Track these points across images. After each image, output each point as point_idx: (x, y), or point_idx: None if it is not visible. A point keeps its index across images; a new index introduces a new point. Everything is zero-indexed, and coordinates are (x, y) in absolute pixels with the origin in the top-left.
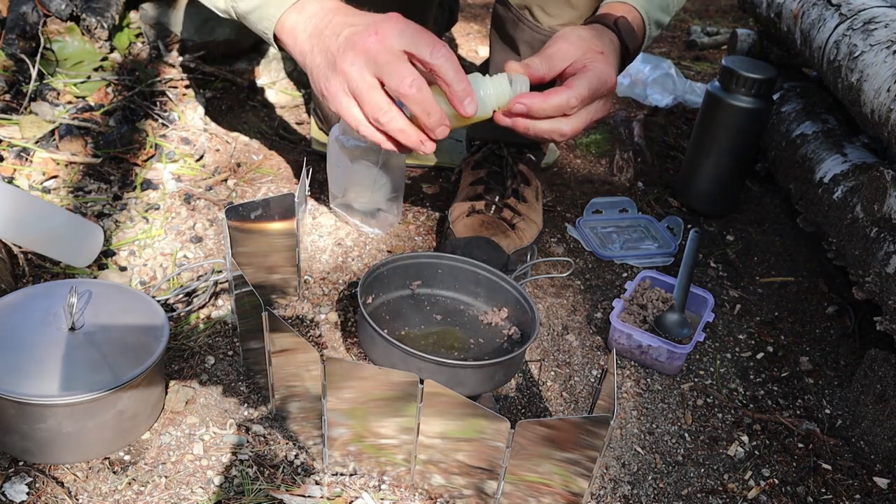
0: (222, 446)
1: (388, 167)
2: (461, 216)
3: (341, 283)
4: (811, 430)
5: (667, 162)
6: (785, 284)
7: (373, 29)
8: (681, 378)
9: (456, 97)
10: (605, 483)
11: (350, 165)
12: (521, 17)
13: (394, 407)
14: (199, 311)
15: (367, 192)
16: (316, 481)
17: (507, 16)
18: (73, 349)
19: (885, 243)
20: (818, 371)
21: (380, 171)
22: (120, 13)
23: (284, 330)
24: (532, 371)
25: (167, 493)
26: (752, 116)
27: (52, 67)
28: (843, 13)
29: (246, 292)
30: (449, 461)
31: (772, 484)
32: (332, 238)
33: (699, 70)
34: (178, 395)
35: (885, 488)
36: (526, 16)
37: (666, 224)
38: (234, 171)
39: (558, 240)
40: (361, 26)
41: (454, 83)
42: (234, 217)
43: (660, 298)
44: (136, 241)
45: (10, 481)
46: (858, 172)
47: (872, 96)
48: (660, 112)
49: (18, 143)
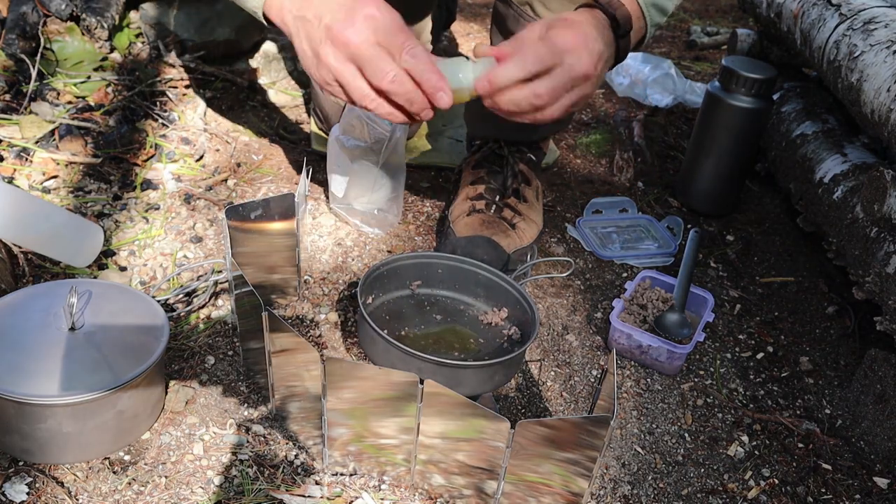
0: (222, 446)
1: (388, 167)
2: (461, 215)
3: (341, 283)
4: (811, 430)
5: (667, 162)
6: (785, 284)
7: (350, 20)
8: (681, 378)
9: (428, 94)
10: (605, 483)
11: (350, 165)
12: (522, 13)
13: (394, 407)
14: (199, 311)
15: (368, 192)
16: (316, 481)
17: (507, 13)
18: (73, 349)
19: (885, 243)
20: (818, 371)
21: (380, 171)
22: (120, 13)
23: (284, 330)
24: (532, 371)
25: (167, 493)
26: (752, 116)
27: (52, 67)
28: (843, 13)
29: (246, 292)
30: (449, 461)
31: (772, 484)
32: (332, 238)
33: (699, 70)
34: (178, 395)
35: (885, 488)
36: (527, 11)
37: (666, 224)
38: (234, 171)
39: (558, 240)
40: (340, 13)
41: (424, 81)
42: (234, 217)
43: (660, 298)
44: (136, 241)
45: (10, 481)
46: (858, 172)
47: (872, 96)
48: (660, 112)
49: (18, 143)
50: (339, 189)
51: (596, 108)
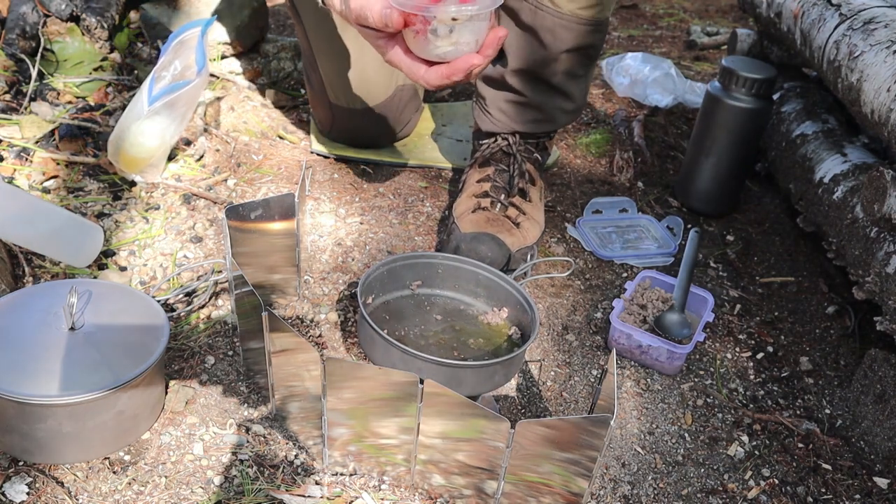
0: (222, 446)
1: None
2: (466, 212)
3: (341, 283)
4: (811, 430)
5: (667, 162)
6: (785, 284)
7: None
8: (681, 378)
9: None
10: (605, 483)
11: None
12: (539, 4)
13: (394, 407)
14: (199, 311)
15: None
16: (316, 481)
17: (521, 6)
18: (73, 349)
19: (885, 243)
20: (818, 371)
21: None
22: (120, 13)
23: (284, 330)
24: (532, 371)
25: (167, 493)
26: (752, 116)
27: (52, 67)
28: (843, 13)
29: (246, 292)
30: (449, 461)
31: (772, 484)
32: (332, 238)
33: (699, 70)
34: (178, 395)
35: (885, 488)
36: (544, 3)
37: (666, 224)
38: (234, 171)
39: (558, 240)
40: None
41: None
42: (234, 217)
43: (660, 298)
44: (136, 241)
45: (10, 481)
46: (858, 172)
47: (872, 96)
48: (660, 112)
49: (18, 143)
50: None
51: (596, 108)
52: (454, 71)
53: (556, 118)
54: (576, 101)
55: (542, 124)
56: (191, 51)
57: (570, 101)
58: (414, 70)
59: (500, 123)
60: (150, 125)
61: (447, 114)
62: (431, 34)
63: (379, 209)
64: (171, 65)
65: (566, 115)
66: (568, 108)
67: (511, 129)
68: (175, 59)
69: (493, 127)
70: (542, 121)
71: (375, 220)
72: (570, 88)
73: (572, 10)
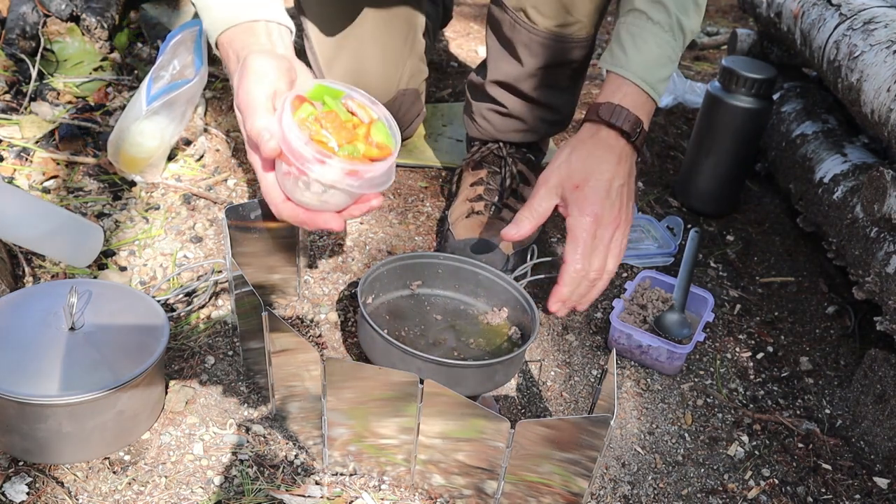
0: (222, 446)
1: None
2: (460, 217)
3: (341, 283)
4: (811, 430)
5: (667, 162)
6: (785, 284)
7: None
8: (681, 378)
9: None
10: (605, 483)
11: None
12: (517, 18)
13: (394, 407)
14: (199, 311)
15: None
16: (316, 481)
17: (502, 17)
18: (73, 349)
19: (885, 243)
20: (818, 371)
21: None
22: (120, 13)
23: (284, 330)
24: (532, 371)
25: (167, 493)
26: (752, 116)
27: (52, 67)
28: (843, 13)
29: (246, 292)
30: (449, 461)
31: (772, 484)
32: (332, 238)
33: (699, 70)
34: (178, 395)
35: (885, 488)
36: (521, 17)
37: (666, 224)
38: (234, 171)
39: (558, 240)
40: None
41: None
42: (234, 217)
43: (660, 298)
44: (136, 241)
45: (10, 481)
46: (858, 172)
47: (872, 96)
48: (660, 112)
49: (18, 143)
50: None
51: None
52: (309, 222)
53: (540, 129)
54: (561, 113)
55: (526, 134)
56: (189, 50)
57: (554, 113)
58: (272, 194)
59: (484, 132)
60: (150, 125)
61: (447, 114)
62: (303, 183)
63: (379, 209)
64: (170, 64)
65: (551, 126)
66: (552, 119)
67: (494, 138)
68: (173, 59)
69: (479, 134)
70: (526, 131)
71: (375, 220)
72: (554, 101)
73: (548, 27)
